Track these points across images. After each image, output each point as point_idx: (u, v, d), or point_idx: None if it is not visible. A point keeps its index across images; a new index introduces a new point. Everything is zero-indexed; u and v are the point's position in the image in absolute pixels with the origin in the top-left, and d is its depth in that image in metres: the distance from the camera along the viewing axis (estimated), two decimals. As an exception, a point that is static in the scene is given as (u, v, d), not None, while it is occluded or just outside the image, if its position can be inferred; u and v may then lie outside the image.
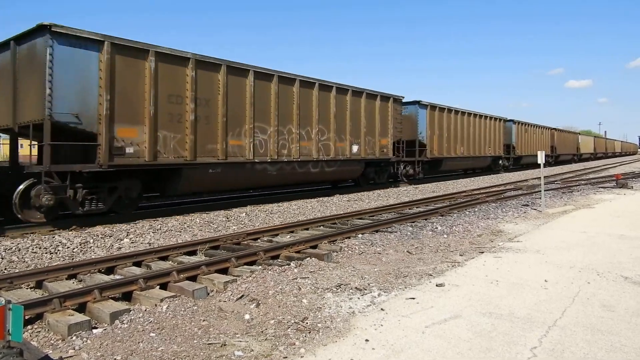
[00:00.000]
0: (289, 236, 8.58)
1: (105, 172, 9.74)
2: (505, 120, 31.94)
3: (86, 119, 9.23)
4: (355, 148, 16.72)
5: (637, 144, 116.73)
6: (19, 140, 10.95)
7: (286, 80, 13.83)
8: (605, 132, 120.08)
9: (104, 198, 9.89)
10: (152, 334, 4.06)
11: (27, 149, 10.58)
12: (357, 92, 16.82)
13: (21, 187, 8.80)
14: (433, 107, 22.55)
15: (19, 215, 8.84)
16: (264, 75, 13.11)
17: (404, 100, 20.18)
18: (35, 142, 9.89)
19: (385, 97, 18.38)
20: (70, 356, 3.67)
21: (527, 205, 12.89)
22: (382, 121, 18.17)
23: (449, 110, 24.09)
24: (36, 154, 10.35)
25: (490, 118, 29.00)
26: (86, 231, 8.92)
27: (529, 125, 36.11)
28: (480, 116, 27.70)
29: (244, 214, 11.44)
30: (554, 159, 43.03)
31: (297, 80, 14.21)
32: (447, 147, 23.74)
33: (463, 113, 25.60)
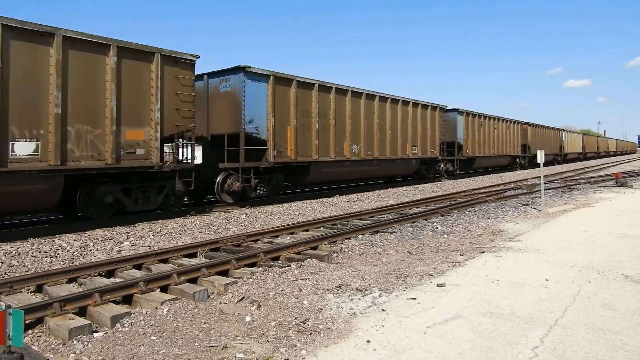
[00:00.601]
0: (289, 237, 8.58)
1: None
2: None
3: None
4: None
5: (637, 142, 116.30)
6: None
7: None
8: (604, 131, 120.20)
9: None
10: (153, 337, 4.05)
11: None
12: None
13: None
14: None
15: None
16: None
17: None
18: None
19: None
20: (71, 360, 3.67)
21: (527, 205, 12.89)
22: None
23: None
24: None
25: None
26: (86, 234, 8.91)
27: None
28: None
29: (244, 215, 11.43)
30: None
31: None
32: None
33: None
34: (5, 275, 6.30)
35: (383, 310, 4.48)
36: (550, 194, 15.30)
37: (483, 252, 7.05)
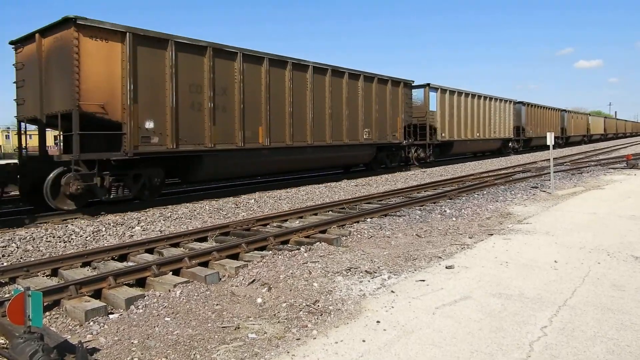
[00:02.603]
0: (298, 221, 8.64)
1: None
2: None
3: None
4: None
5: None
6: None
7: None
8: (615, 112, 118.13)
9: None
10: (167, 319, 4.14)
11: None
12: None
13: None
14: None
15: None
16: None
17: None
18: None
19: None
20: (89, 340, 3.77)
21: (537, 187, 12.83)
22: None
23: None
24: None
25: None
26: (98, 220, 9.04)
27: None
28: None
29: (253, 200, 11.51)
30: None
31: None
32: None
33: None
34: (21, 260, 6.44)
35: (392, 291, 4.53)
36: (559, 176, 15.20)
37: (492, 234, 7.06)
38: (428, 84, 22.09)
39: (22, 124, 10.99)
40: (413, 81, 20.14)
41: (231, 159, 12.34)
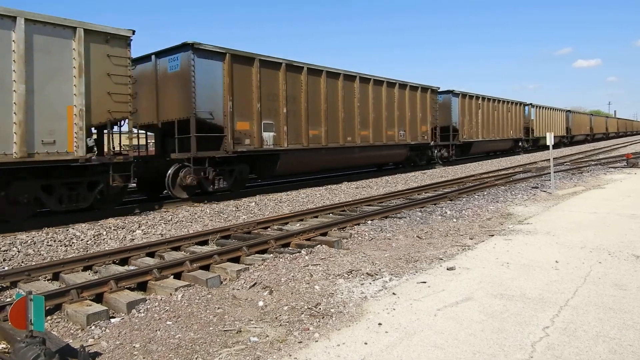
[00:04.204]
0: (298, 224, 8.64)
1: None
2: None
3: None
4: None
5: None
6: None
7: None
8: (615, 111, 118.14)
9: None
10: (168, 322, 4.14)
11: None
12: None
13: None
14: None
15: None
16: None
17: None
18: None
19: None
20: (91, 345, 3.76)
21: (537, 188, 12.83)
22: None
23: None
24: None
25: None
26: (99, 223, 9.04)
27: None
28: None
29: (253, 203, 11.51)
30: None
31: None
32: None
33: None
34: (22, 264, 6.44)
35: (394, 294, 4.52)
36: (560, 176, 15.20)
37: (493, 235, 7.06)
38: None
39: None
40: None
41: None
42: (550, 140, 12.24)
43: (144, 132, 13.72)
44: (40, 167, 8.84)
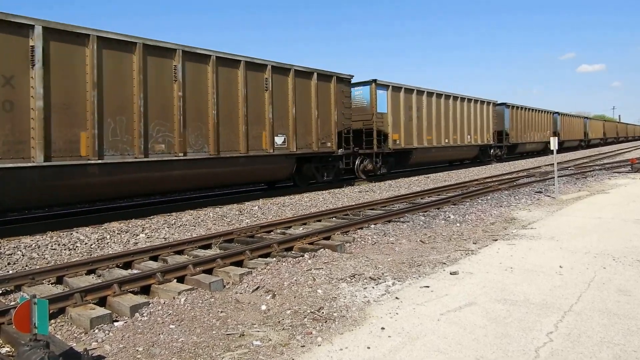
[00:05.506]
0: (301, 228, 8.64)
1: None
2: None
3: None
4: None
5: None
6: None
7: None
8: (619, 116, 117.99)
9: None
10: (171, 326, 4.15)
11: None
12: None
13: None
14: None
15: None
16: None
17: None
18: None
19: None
20: (94, 348, 3.77)
21: (541, 192, 12.79)
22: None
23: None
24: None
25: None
26: (102, 227, 9.07)
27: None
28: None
29: (257, 207, 11.53)
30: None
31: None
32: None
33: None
34: (26, 268, 6.47)
35: (397, 298, 4.52)
36: (564, 181, 15.15)
37: (496, 240, 7.04)
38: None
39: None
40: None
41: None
42: (554, 145, 12.22)
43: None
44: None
